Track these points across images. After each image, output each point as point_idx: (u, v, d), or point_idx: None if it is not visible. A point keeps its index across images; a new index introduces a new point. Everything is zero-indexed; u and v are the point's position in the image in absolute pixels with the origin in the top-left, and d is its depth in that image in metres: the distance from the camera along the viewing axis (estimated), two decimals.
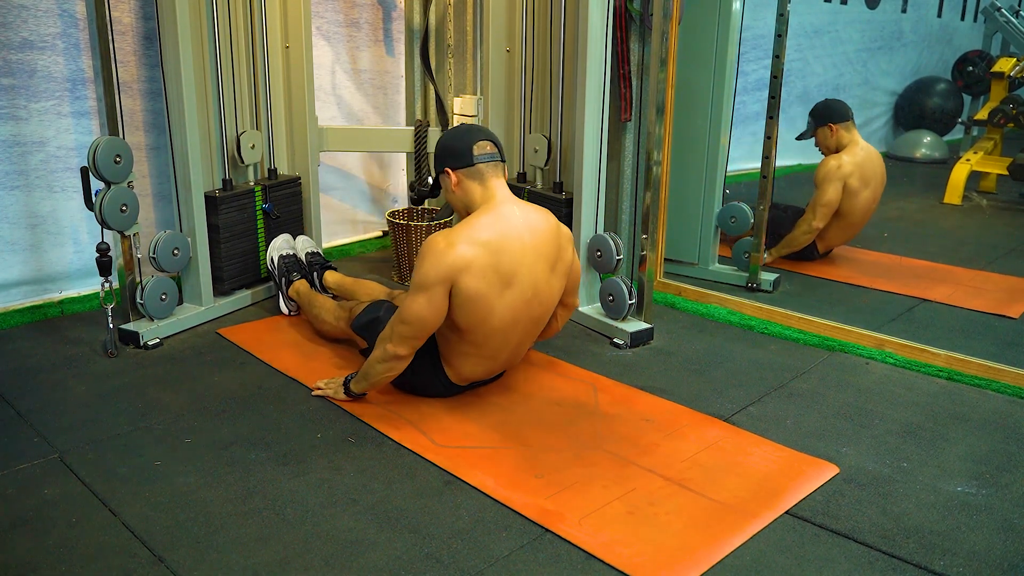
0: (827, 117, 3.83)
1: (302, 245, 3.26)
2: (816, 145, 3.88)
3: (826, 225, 3.81)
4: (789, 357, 2.89)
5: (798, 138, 3.93)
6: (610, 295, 3.01)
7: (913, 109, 7.31)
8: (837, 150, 3.80)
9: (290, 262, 3.14)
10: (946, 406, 2.53)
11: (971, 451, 2.27)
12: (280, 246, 3.18)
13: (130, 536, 1.81)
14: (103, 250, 2.69)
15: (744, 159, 5.06)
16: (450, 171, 2.28)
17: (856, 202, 3.75)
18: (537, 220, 2.28)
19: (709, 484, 2.06)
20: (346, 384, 2.42)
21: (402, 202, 4.27)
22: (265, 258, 3.23)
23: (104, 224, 2.65)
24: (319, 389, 2.49)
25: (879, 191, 3.84)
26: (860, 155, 3.77)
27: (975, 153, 5.60)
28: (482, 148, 2.26)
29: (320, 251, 3.32)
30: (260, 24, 3.19)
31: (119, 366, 2.67)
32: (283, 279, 3.08)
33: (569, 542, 1.83)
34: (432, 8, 3.79)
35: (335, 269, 3.19)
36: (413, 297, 2.19)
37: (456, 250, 2.15)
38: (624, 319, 2.99)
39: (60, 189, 3.05)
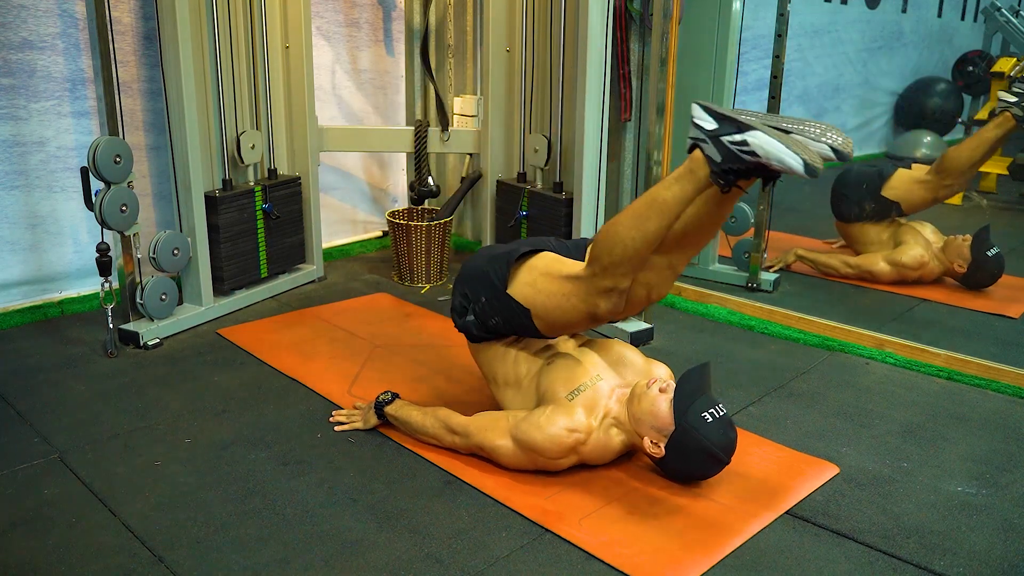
0: (976, 277, 3.62)
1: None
2: (948, 252, 3.69)
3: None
4: (789, 357, 2.89)
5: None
6: None
7: (913, 109, 7.31)
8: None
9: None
10: (946, 406, 2.53)
11: (971, 451, 2.27)
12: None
13: (130, 536, 1.81)
14: (103, 250, 2.69)
15: None
16: (662, 460, 2.01)
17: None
18: None
19: (709, 484, 2.05)
20: (378, 408, 2.27)
21: (402, 202, 4.27)
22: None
23: (104, 224, 2.65)
24: (341, 425, 2.31)
25: None
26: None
27: None
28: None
29: None
30: (260, 24, 3.18)
31: (119, 366, 2.67)
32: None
33: (569, 542, 1.83)
34: (432, 8, 3.79)
35: None
36: (511, 450, 2.03)
37: (583, 444, 2.02)
38: (624, 319, 2.99)
39: (60, 189, 3.05)
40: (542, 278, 2.04)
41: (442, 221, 3.54)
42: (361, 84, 3.99)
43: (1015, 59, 5.97)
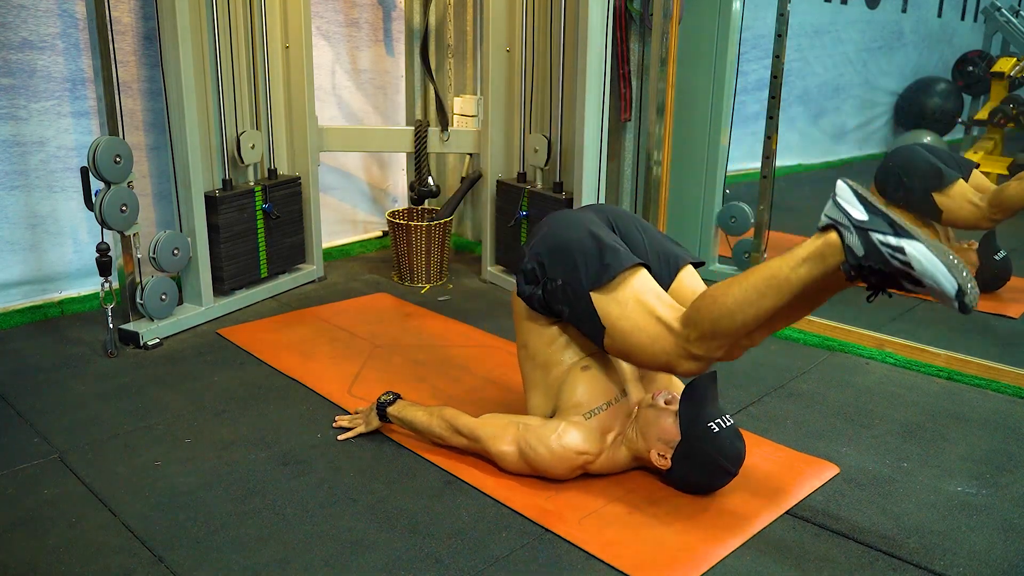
0: (985, 264, 3.62)
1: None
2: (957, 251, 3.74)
3: None
4: (789, 357, 2.88)
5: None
6: None
7: (913, 109, 7.30)
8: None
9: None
10: (946, 406, 2.53)
11: (971, 451, 2.27)
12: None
13: (130, 536, 1.81)
14: (103, 250, 2.69)
15: (744, 159, 5.06)
16: (668, 472, 2.00)
17: None
18: None
19: None
20: (380, 409, 2.23)
21: (402, 202, 4.27)
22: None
23: (104, 224, 2.65)
24: (344, 432, 2.27)
25: None
26: None
27: (975, 153, 5.60)
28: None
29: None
30: (260, 24, 3.19)
31: (119, 366, 2.67)
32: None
33: (569, 542, 1.83)
34: (432, 8, 3.80)
35: None
36: (516, 458, 2.02)
37: (591, 464, 2.02)
38: None
39: (60, 189, 3.05)
40: (635, 304, 1.88)
41: (442, 221, 3.54)
42: (361, 84, 3.99)
43: (1015, 59, 5.97)
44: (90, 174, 2.61)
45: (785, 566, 1.77)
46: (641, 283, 1.92)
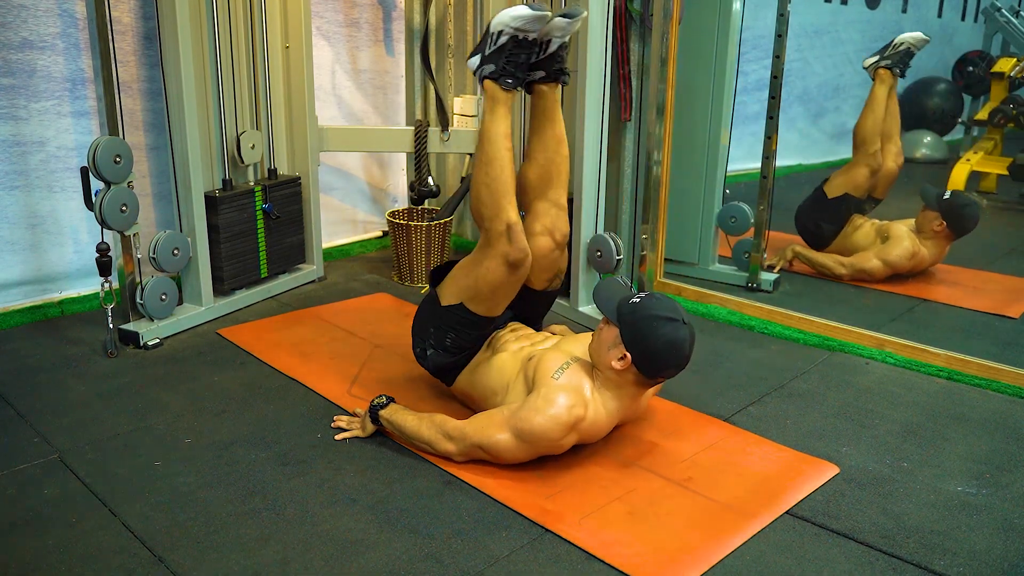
0: (956, 223, 3.71)
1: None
2: (918, 222, 3.79)
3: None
4: (789, 357, 2.88)
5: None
6: None
7: (913, 109, 7.30)
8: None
9: (516, 60, 2.24)
10: (946, 406, 2.53)
11: (971, 451, 2.27)
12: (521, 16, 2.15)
13: (130, 536, 1.81)
14: (103, 250, 2.69)
15: (744, 159, 5.05)
16: (634, 365, 2.01)
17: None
18: None
19: (709, 484, 2.06)
20: (373, 412, 2.22)
21: (402, 202, 4.27)
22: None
23: (104, 224, 2.65)
24: (342, 432, 2.27)
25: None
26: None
27: (975, 153, 5.60)
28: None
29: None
30: (260, 24, 3.19)
31: (119, 366, 2.67)
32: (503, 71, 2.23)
33: (569, 542, 1.83)
34: (432, 8, 3.80)
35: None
36: (512, 442, 2.02)
37: (582, 420, 2.03)
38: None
39: (60, 189, 3.05)
40: (458, 269, 2.29)
41: (442, 221, 3.54)
42: (361, 84, 3.99)
43: (1015, 59, 5.97)
44: (90, 174, 2.61)
45: (785, 566, 1.77)
46: (459, 263, 2.32)
